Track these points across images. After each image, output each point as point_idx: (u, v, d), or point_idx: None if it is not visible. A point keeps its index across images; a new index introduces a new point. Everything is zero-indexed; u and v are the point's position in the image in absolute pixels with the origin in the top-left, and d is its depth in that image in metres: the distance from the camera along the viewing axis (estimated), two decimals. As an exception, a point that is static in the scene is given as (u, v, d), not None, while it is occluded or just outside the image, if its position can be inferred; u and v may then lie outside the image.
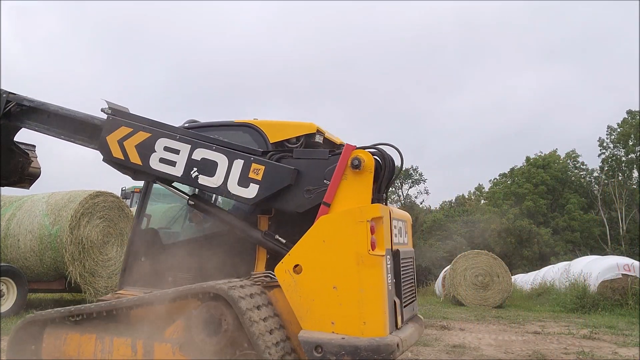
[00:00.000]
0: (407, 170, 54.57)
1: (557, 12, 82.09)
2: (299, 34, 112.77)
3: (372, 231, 3.66)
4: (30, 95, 5.05)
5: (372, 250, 3.63)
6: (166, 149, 4.31)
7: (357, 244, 3.61)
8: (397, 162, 4.20)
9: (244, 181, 4.03)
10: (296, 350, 3.72)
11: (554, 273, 17.15)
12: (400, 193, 55.88)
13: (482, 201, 58.20)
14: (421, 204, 56.45)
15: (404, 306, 4.12)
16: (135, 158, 4.41)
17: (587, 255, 21.08)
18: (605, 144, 43.44)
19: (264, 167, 4.00)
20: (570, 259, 19.70)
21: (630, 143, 41.69)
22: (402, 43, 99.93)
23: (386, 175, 3.99)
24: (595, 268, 13.50)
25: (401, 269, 4.09)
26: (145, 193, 4.78)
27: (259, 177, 3.99)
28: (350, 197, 3.77)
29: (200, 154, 4.21)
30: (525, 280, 20.64)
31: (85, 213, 9.81)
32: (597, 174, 45.67)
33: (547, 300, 14.40)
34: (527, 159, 48.04)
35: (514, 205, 44.97)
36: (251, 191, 4.00)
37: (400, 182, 55.43)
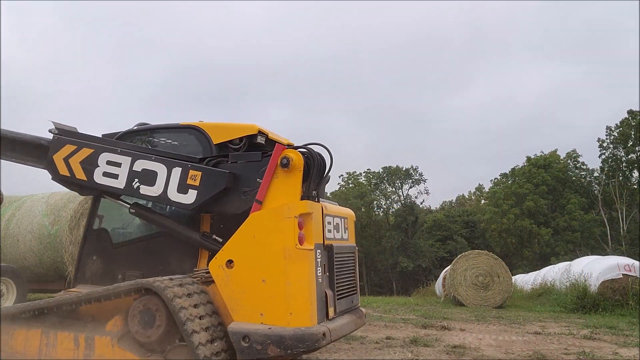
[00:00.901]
0: (407, 170, 54.56)
1: (563, 9, 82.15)
2: (300, 30, 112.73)
3: (300, 227, 3.86)
4: (27, 91, 5.10)
5: (300, 245, 3.82)
6: (109, 163, 4.52)
7: (284, 239, 3.79)
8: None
9: (182, 188, 4.22)
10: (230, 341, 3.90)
11: (555, 273, 17.12)
12: (401, 193, 55.85)
13: (483, 201, 58.18)
14: (421, 204, 56.42)
15: (339, 298, 4.31)
16: (80, 174, 4.61)
17: (588, 255, 21.03)
18: (605, 145, 43.42)
19: (200, 173, 4.19)
20: (571, 259, 19.66)
21: (630, 143, 41.63)
22: (405, 40, 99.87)
23: (315, 173, 4.13)
24: (595, 268, 13.46)
25: (335, 263, 4.25)
26: (93, 208, 4.95)
27: (197, 183, 4.18)
28: (281, 195, 3.97)
29: (140, 165, 4.40)
30: (525, 280, 20.62)
31: (85, 213, 9.78)
32: (597, 174, 45.63)
33: (548, 301, 14.37)
34: (529, 158, 48.05)
35: (515, 205, 44.93)
36: (190, 197, 4.18)
37: (401, 182, 55.39)
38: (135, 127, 4.98)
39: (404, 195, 55.42)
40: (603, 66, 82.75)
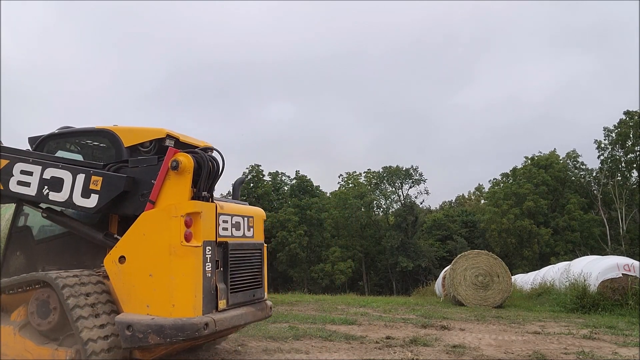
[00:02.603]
0: (407, 170, 54.54)
1: (568, 6, 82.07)
2: (303, 29, 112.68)
3: (188, 225, 4.16)
4: (25, 89, 5.26)
5: (187, 242, 4.12)
6: (22, 172, 4.82)
7: (170, 236, 4.10)
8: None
9: (86, 193, 4.52)
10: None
11: (554, 273, 17.11)
12: (401, 193, 55.84)
13: (482, 201, 58.16)
14: (421, 204, 56.38)
15: (235, 292, 4.64)
16: None
17: (587, 255, 21.02)
18: (603, 146, 43.38)
19: (101, 178, 4.50)
20: (571, 259, 19.67)
21: (629, 143, 41.62)
22: (409, 38, 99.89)
23: (205, 175, 4.37)
24: (595, 268, 13.46)
25: (230, 259, 4.57)
26: (17, 209, 5.17)
27: (98, 188, 4.48)
28: (171, 195, 4.27)
29: (49, 173, 4.71)
30: (525, 280, 20.61)
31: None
32: (596, 174, 45.62)
33: (547, 301, 14.36)
34: (531, 158, 48.01)
35: (515, 205, 44.92)
36: (92, 201, 4.49)
37: (401, 182, 55.37)
38: (57, 131, 5.25)
39: (404, 195, 55.43)
40: (607, 65, 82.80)
